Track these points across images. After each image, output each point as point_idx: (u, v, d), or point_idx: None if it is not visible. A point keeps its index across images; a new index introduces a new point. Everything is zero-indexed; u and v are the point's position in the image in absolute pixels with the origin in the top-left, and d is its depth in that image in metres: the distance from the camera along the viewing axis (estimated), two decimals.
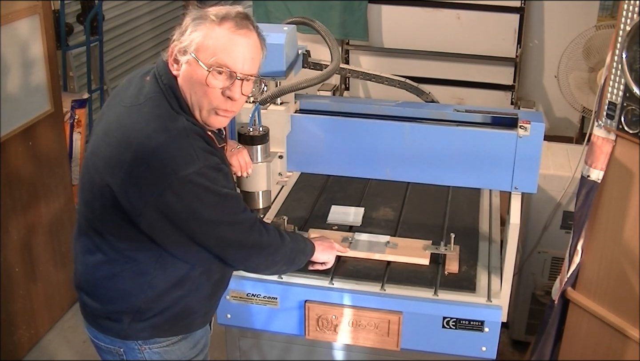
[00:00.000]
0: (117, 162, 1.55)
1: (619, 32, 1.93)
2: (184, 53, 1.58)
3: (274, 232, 1.76)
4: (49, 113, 3.12)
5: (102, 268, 1.69)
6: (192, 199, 1.54)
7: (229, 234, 1.64)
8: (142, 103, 1.60)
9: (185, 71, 1.59)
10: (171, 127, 1.55)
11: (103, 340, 1.78)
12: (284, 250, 1.78)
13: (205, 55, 1.56)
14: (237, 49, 1.57)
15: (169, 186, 1.51)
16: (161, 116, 1.57)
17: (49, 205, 3.19)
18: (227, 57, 1.56)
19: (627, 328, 2.08)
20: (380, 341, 2.04)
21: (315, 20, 2.01)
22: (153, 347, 1.76)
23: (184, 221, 1.56)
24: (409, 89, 2.41)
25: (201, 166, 1.54)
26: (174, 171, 1.51)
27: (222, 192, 1.59)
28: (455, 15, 3.88)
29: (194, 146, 1.55)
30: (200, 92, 1.59)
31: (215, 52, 1.55)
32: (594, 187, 2.08)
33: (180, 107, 1.60)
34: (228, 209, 1.62)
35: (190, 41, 1.56)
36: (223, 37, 1.56)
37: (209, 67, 1.56)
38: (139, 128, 1.55)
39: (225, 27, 1.56)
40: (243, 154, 1.85)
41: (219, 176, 1.60)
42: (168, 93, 1.60)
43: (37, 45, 2.98)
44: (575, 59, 3.13)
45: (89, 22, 4.55)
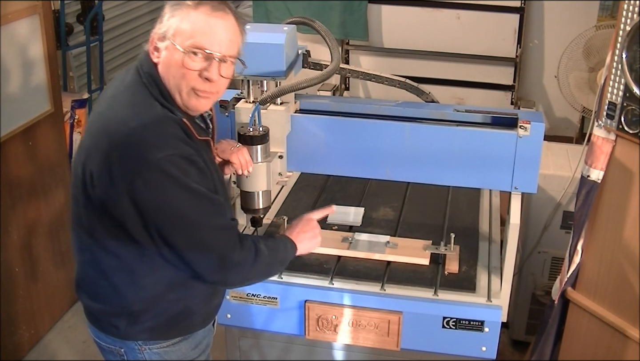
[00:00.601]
0: (95, 150, 1.56)
1: (619, 32, 1.93)
2: (162, 39, 1.59)
3: (250, 247, 1.66)
4: (49, 113, 3.12)
5: (92, 266, 1.69)
6: (159, 188, 1.51)
7: (197, 235, 1.57)
8: (121, 92, 1.62)
9: (164, 57, 1.60)
10: (145, 113, 1.55)
11: (104, 339, 1.78)
12: (258, 267, 1.69)
13: (182, 39, 1.57)
14: (213, 31, 1.58)
15: (139, 173, 1.50)
16: (137, 104, 1.58)
17: (49, 205, 3.19)
18: (203, 39, 1.57)
19: (627, 328, 2.08)
20: (380, 341, 2.04)
21: (315, 20, 2.01)
22: (153, 348, 1.76)
23: (151, 212, 1.53)
24: (409, 89, 2.41)
25: (170, 153, 1.51)
26: (144, 156, 1.50)
27: (191, 186, 1.54)
28: (455, 15, 3.88)
29: (166, 133, 1.54)
30: (178, 75, 1.59)
31: (192, 35, 1.56)
32: (594, 187, 2.08)
33: (161, 93, 1.60)
34: (198, 207, 1.56)
35: (168, 27, 1.58)
36: (199, 21, 1.57)
37: (185, 49, 1.56)
38: (115, 116, 1.57)
39: (201, 11, 1.57)
40: (243, 152, 1.84)
41: (192, 169, 1.55)
42: (148, 81, 1.61)
43: (37, 45, 2.98)
44: (575, 59, 3.13)
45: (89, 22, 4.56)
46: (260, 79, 1.94)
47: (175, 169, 1.52)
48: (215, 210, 1.61)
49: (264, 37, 1.89)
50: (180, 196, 1.53)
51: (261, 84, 1.96)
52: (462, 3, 3.83)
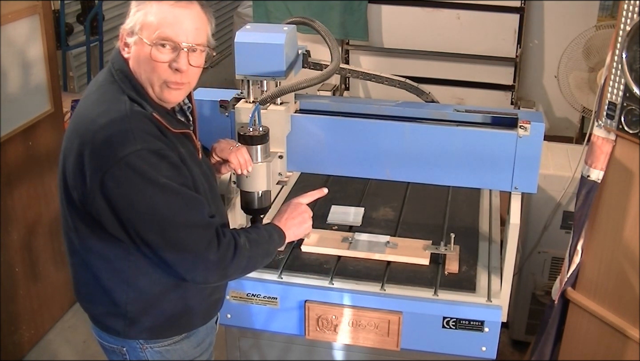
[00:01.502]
0: (69, 151, 1.56)
1: (619, 32, 1.93)
2: (131, 34, 1.59)
3: (229, 244, 1.61)
4: (49, 113, 3.12)
5: (84, 269, 1.69)
6: (129, 184, 1.50)
7: (170, 233, 1.54)
8: (93, 92, 1.63)
9: (134, 52, 1.60)
10: (113, 109, 1.55)
11: (107, 339, 1.78)
12: (239, 263, 1.64)
13: (148, 32, 1.57)
14: (179, 21, 1.57)
15: (108, 170, 1.49)
16: (106, 101, 1.58)
17: (49, 205, 3.19)
18: (169, 29, 1.56)
19: (627, 328, 2.08)
20: (380, 341, 2.04)
21: (315, 20, 2.01)
22: (155, 346, 1.75)
23: (123, 209, 1.52)
24: (409, 89, 2.41)
25: (139, 148, 1.50)
26: (112, 153, 1.49)
27: (160, 181, 1.51)
28: (455, 15, 3.87)
29: (134, 128, 1.53)
30: (149, 68, 1.58)
31: (157, 27, 1.56)
32: (594, 187, 2.07)
33: (133, 88, 1.60)
34: (169, 203, 1.53)
35: (134, 22, 1.58)
36: (164, 12, 1.57)
37: (153, 42, 1.56)
38: (86, 115, 1.57)
39: (165, 3, 1.57)
40: (242, 151, 1.83)
41: (162, 164, 1.53)
42: (119, 77, 1.61)
43: (37, 45, 2.98)
44: (575, 59, 3.13)
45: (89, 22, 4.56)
46: (260, 79, 1.93)
47: (145, 164, 1.50)
48: (188, 206, 1.57)
49: (264, 37, 1.89)
50: (150, 192, 1.51)
51: (261, 84, 1.96)
52: (462, 3, 3.83)
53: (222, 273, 1.65)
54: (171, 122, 1.63)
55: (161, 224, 1.54)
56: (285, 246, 2.17)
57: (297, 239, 1.90)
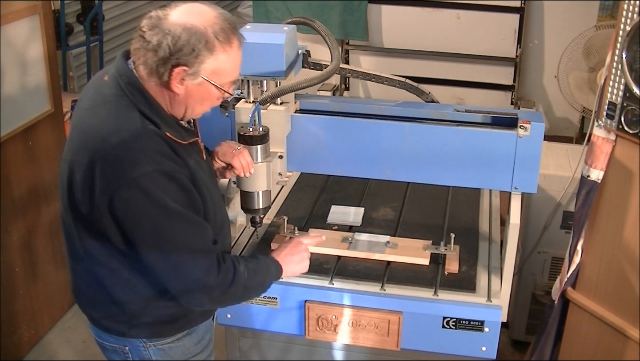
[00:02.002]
0: (77, 167, 1.55)
1: (619, 32, 1.93)
2: (194, 76, 1.55)
3: (228, 271, 1.63)
4: (49, 113, 3.12)
5: (87, 274, 1.70)
6: (137, 206, 1.51)
7: (172, 256, 1.56)
8: (99, 105, 1.58)
9: (193, 90, 1.57)
10: (124, 127, 1.53)
11: (107, 339, 1.78)
12: (236, 291, 1.67)
13: (219, 77, 1.57)
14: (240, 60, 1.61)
15: (117, 190, 1.49)
16: (117, 118, 1.55)
17: (49, 205, 3.19)
18: (236, 72, 1.61)
19: (627, 328, 2.08)
20: (380, 341, 2.04)
21: (315, 20, 2.01)
22: (157, 344, 1.77)
23: (129, 229, 1.54)
24: (409, 89, 2.41)
25: (150, 170, 1.50)
26: (123, 174, 1.49)
27: (168, 205, 1.52)
28: (455, 15, 3.87)
29: (146, 148, 1.52)
30: (199, 105, 1.61)
31: (231, 73, 1.59)
32: (594, 187, 2.07)
33: (146, 102, 1.57)
34: (174, 227, 1.54)
35: (202, 67, 1.54)
36: (233, 57, 1.58)
37: (223, 85, 1.58)
38: (95, 131, 1.54)
39: (234, 46, 1.57)
40: (244, 154, 1.84)
41: (171, 186, 1.53)
42: (129, 91, 1.57)
43: (37, 45, 2.98)
44: (575, 59, 3.13)
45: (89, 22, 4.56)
46: (260, 79, 1.93)
47: (154, 187, 1.50)
48: (193, 231, 1.58)
49: (264, 37, 1.89)
50: (156, 215, 1.52)
51: (261, 84, 1.95)
52: (462, 3, 3.83)
53: (217, 299, 1.69)
54: (181, 134, 1.62)
55: (164, 246, 1.55)
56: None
57: (292, 276, 1.92)
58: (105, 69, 1.69)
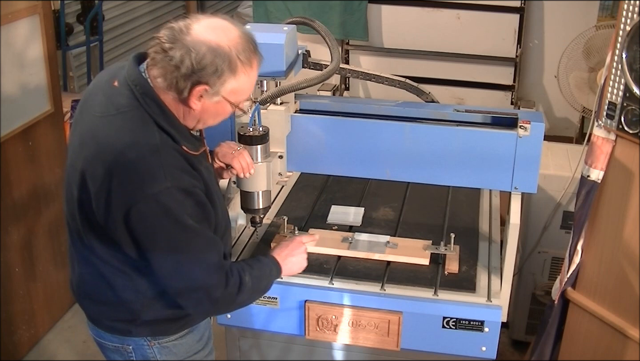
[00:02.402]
0: (91, 177, 1.54)
1: (619, 32, 1.93)
2: (215, 95, 1.55)
3: (235, 284, 1.66)
4: (49, 113, 3.12)
5: (91, 275, 1.70)
6: (153, 220, 1.52)
7: (185, 270, 1.58)
8: (114, 115, 1.56)
9: (209, 106, 1.57)
10: (143, 142, 1.52)
11: (110, 338, 1.79)
12: (241, 299, 1.71)
13: (237, 96, 1.58)
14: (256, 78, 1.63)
15: (134, 204, 1.50)
16: (133, 130, 1.53)
17: (49, 205, 3.19)
18: (252, 89, 1.63)
19: (627, 328, 2.08)
20: (380, 341, 2.04)
21: (315, 20, 2.01)
22: (162, 342, 1.78)
23: (143, 241, 1.55)
24: (409, 89, 2.41)
25: (169, 185, 1.50)
26: (141, 189, 1.49)
27: (185, 222, 1.54)
28: (455, 15, 3.87)
29: (165, 163, 1.52)
30: (212, 119, 1.63)
31: (248, 92, 1.61)
32: (594, 187, 2.07)
33: (162, 113, 1.55)
34: (189, 243, 1.57)
35: (223, 87, 1.54)
36: (254, 77, 1.60)
37: (238, 103, 1.59)
38: (111, 142, 1.53)
39: (254, 67, 1.58)
40: (244, 155, 1.84)
41: (188, 201, 1.54)
42: (145, 101, 1.54)
43: (37, 45, 2.98)
44: (575, 59, 3.12)
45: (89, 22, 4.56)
46: (260, 79, 1.93)
47: (172, 202, 1.51)
48: (207, 247, 1.60)
49: (264, 37, 1.88)
50: (173, 230, 1.54)
51: (261, 84, 1.96)
52: (462, 3, 3.82)
53: (223, 309, 1.82)
54: (194, 144, 1.63)
55: (178, 260, 1.58)
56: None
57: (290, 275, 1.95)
58: (112, 72, 1.66)
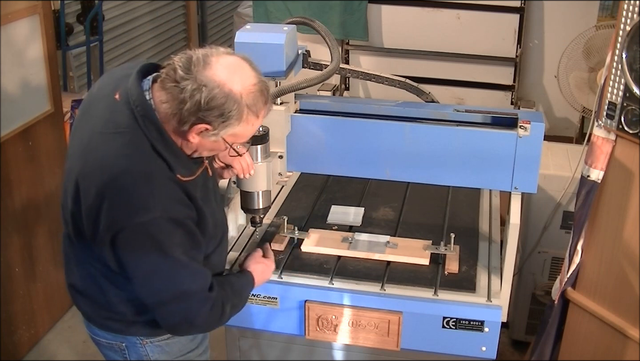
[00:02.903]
0: (83, 192, 1.54)
1: (619, 32, 1.93)
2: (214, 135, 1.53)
3: (217, 308, 1.66)
4: (49, 113, 3.12)
5: (83, 276, 1.71)
6: (139, 248, 1.52)
7: (166, 297, 1.59)
8: (112, 134, 1.54)
9: (207, 142, 1.56)
10: (138, 169, 1.51)
11: (105, 336, 1.80)
12: (222, 319, 1.71)
13: (236, 138, 1.58)
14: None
15: (122, 230, 1.50)
16: (130, 156, 1.52)
17: (49, 205, 3.19)
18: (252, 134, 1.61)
19: (627, 328, 2.08)
20: (380, 341, 2.04)
21: (315, 20, 2.01)
22: (155, 340, 1.78)
23: (128, 265, 1.55)
24: (409, 89, 2.41)
25: (158, 215, 1.49)
26: (129, 217, 1.49)
27: (172, 253, 1.53)
28: (455, 15, 3.87)
29: (156, 193, 1.51)
30: (212, 152, 1.65)
31: (247, 137, 1.60)
32: (594, 187, 2.07)
33: (161, 137, 1.53)
34: (173, 273, 1.56)
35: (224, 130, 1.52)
36: (257, 125, 1.59)
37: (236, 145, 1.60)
38: (106, 164, 1.51)
39: (261, 117, 1.57)
40: (245, 156, 1.84)
41: (177, 232, 1.54)
42: (145, 123, 1.53)
43: (37, 45, 2.98)
44: (575, 59, 3.12)
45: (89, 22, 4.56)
46: None
47: (160, 233, 1.51)
48: (192, 279, 1.60)
49: (264, 37, 1.89)
50: (158, 260, 1.54)
51: None
52: (462, 3, 3.82)
53: (200, 331, 1.82)
54: (191, 169, 1.61)
55: (160, 288, 1.57)
56: (285, 246, 2.19)
57: None
58: (116, 80, 1.62)
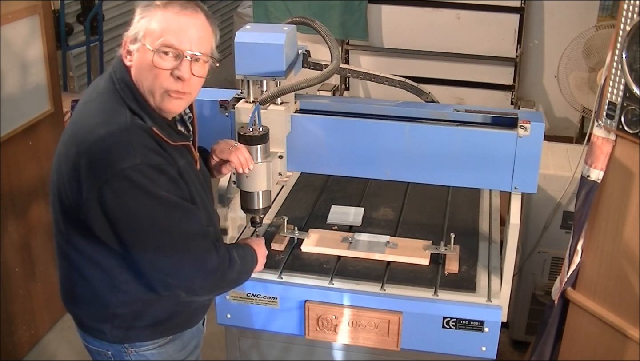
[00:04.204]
0: (64, 157, 1.56)
1: (619, 32, 1.93)
2: (134, 41, 1.59)
3: (225, 254, 1.67)
4: (49, 113, 3.12)
5: (73, 273, 1.69)
6: (128, 197, 1.51)
7: (169, 242, 1.56)
8: (93, 99, 1.62)
9: (136, 59, 1.60)
10: (113, 121, 1.54)
11: (92, 342, 1.78)
12: (231, 275, 1.71)
13: (152, 39, 1.57)
14: (183, 29, 1.57)
15: (106, 182, 1.50)
16: (106, 111, 1.57)
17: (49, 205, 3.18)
18: (172, 37, 1.56)
19: (627, 328, 2.08)
20: (380, 341, 2.04)
21: (315, 20, 2.01)
22: (140, 350, 1.75)
23: (121, 221, 1.53)
24: (409, 89, 2.40)
25: (138, 162, 1.50)
26: (111, 166, 1.49)
27: (160, 194, 1.53)
28: (455, 15, 3.87)
29: (134, 141, 1.52)
30: (151, 76, 1.58)
31: (161, 34, 1.56)
32: (594, 187, 2.07)
33: (134, 98, 1.59)
34: (169, 215, 1.55)
35: (138, 29, 1.58)
36: (168, 19, 1.57)
37: (155, 49, 1.56)
38: (85, 123, 1.56)
39: (169, 10, 1.57)
40: (242, 150, 1.83)
41: (161, 178, 1.54)
42: (120, 86, 1.60)
43: (37, 45, 2.98)
44: (575, 59, 3.12)
45: (89, 22, 4.56)
46: (260, 79, 1.93)
47: (144, 178, 1.51)
48: (188, 217, 1.59)
49: (264, 37, 1.89)
50: (149, 205, 1.52)
51: (261, 84, 1.96)
52: (462, 3, 3.82)
53: (216, 284, 1.70)
54: (171, 134, 1.62)
55: (161, 235, 1.55)
56: (285, 246, 2.19)
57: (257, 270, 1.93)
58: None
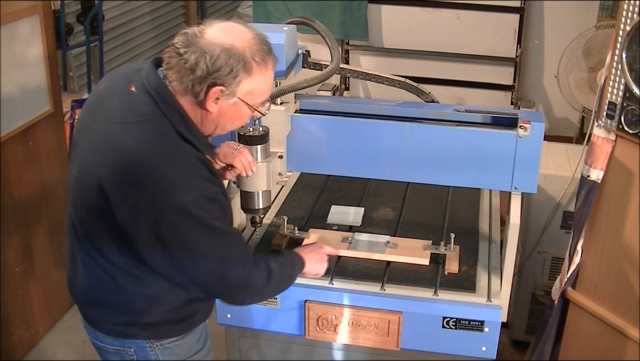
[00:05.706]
0: (111, 185, 1.53)
1: (619, 32, 1.93)
2: (230, 96, 1.56)
3: (263, 268, 1.73)
4: (49, 113, 3.12)
5: (101, 278, 1.69)
6: (184, 229, 1.54)
7: (218, 269, 1.63)
8: (135, 122, 1.55)
9: (226, 109, 1.58)
10: (170, 152, 1.54)
11: (110, 342, 1.78)
12: (271, 286, 1.76)
13: (254, 97, 1.59)
14: (272, 80, 1.64)
15: (164, 215, 1.51)
16: (159, 141, 1.54)
17: (49, 205, 3.19)
18: (269, 91, 1.64)
19: (627, 328, 2.08)
20: (380, 341, 2.04)
21: (315, 20, 2.01)
22: (164, 343, 1.78)
23: (174, 248, 1.56)
24: (409, 89, 2.40)
25: (196, 195, 1.53)
26: (170, 199, 1.51)
27: (214, 225, 1.58)
28: (455, 15, 3.87)
29: (191, 173, 1.55)
30: (237, 122, 1.65)
31: (264, 95, 1.62)
32: (594, 187, 2.07)
33: (184, 123, 1.57)
34: (220, 244, 1.61)
35: (239, 88, 1.55)
36: (270, 78, 1.61)
37: (255, 105, 1.60)
38: (134, 152, 1.52)
39: (269, 67, 1.59)
40: (245, 153, 1.84)
41: (214, 208, 1.58)
42: (167, 110, 1.55)
43: (37, 45, 2.98)
44: (575, 59, 3.12)
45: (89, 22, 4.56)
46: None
47: (200, 211, 1.54)
48: (236, 243, 1.68)
49: None
50: (204, 234, 1.57)
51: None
52: (462, 3, 3.82)
53: (259, 296, 1.83)
54: (210, 152, 1.67)
55: (214, 262, 1.62)
56: (285, 246, 2.19)
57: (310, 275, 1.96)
58: (127, 75, 1.64)
